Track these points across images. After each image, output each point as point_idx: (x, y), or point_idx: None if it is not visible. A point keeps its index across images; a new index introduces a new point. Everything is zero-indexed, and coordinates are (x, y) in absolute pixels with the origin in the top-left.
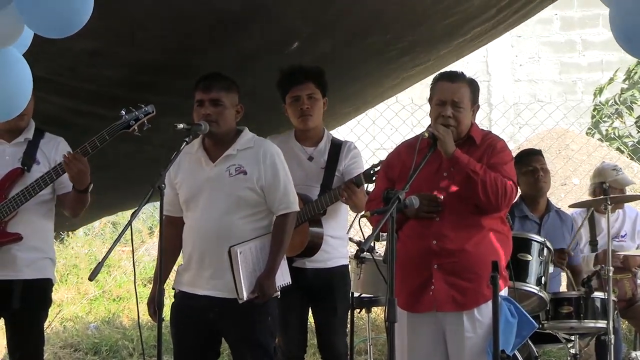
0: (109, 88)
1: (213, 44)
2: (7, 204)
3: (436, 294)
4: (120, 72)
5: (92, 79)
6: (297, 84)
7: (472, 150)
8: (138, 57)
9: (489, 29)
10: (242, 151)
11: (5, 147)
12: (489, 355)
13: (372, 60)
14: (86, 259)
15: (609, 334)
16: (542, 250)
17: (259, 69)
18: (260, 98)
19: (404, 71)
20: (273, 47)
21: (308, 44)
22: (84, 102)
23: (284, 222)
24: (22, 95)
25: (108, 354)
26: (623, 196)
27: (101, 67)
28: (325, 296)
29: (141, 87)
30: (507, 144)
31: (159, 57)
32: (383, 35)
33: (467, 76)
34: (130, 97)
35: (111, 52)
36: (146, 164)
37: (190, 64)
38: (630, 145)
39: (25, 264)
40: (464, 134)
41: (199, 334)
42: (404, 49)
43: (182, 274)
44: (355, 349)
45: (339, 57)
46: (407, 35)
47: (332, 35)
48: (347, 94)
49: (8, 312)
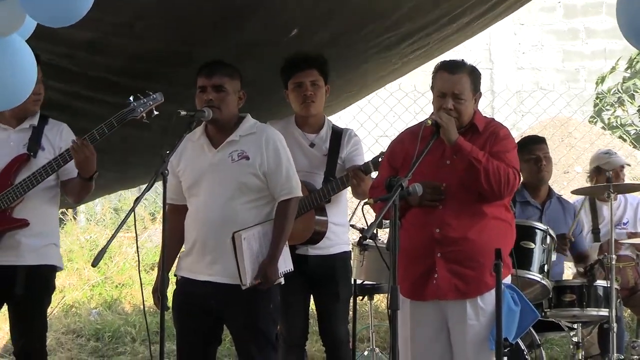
0: (109, 75)
1: (213, 34)
2: (14, 190)
3: (439, 283)
4: (119, 61)
5: (91, 66)
6: (301, 70)
7: (475, 137)
8: (137, 47)
9: (488, 10)
10: (244, 137)
11: (10, 132)
12: (491, 343)
13: (371, 46)
14: (88, 245)
15: (611, 322)
16: (545, 238)
17: (258, 57)
18: (260, 86)
19: (404, 56)
20: (272, 35)
21: (306, 32)
22: (83, 88)
23: (286, 207)
24: (27, 81)
25: (110, 340)
26: (625, 184)
27: (100, 55)
28: (327, 283)
29: (141, 75)
30: (510, 132)
31: (158, 47)
32: (380, 22)
33: (467, 65)
34: (131, 84)
35: (110, 42)
36: (145, 149)
37: (190, 53)
38: (633, 134)
39: (29, 250)
40: (467, 123)
41: (200, 320)
42: (402, 35)
43: (184, 259)
44: (358, 336)
45: (338, 45)
46: (405, 22)
47: (329, 23)
48: (347, 78)
49: (11, 298)
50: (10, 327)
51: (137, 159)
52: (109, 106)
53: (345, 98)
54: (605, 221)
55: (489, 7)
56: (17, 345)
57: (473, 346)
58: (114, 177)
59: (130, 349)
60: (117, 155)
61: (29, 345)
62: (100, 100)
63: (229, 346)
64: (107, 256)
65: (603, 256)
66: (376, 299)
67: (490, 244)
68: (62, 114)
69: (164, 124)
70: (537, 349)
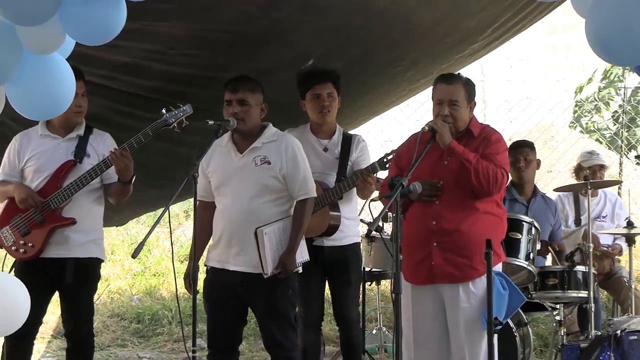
0: (144, 93)
1: (234, 61)
2: (62, 193)
3: (435, 269)
4: (153, 82)
5: (128, 85)
6: (318, 83)
7: (470, 141)
8: (169, 70)
9: (485, 45)
10: (266, 144)
11: (59, 141)
12: (482, 323)
13: (380, 74)
14: (129, 239)
15: (590, 302)
16: (530, 230)
17: (277, 82)
18: (277, 108)
19: (410, 84)
20: (289, 64)
21: (322, 62)
22: (121, 104)
23: (303, 206)
24: (66, 94)
25: (150, 322)
26: (600, 181)
27: (136, 77)
28: (340, 270)
29: (172, 94)
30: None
31: (187, 71)
32: (389, 53)
33: (462, 77)
34: (163, 101)
35: (145, 66)
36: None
37: (215, 76)
38: (608, 137)
39: (77, 245)
40: (463, 128)
41: (228, 305)
42: (408, 65)
43: (212, 251)
44: (367, 317)
45: (351, 73)
46: (411, 53)
47: (343, 54)
48: (359, 105)
49: (62, 286)
50: (62, 312)
51: (174, 173)
52: (145, 120)
53: (358, 120)
54: (586, 213)
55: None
56: (67, 328)
57: (465, 326)
58: (156, 193)
59: (167, 330)
60: (156, 170)
61: (78, 327)
62: (138, 115)
63: (254, 326)
64: (145, 249)
65: (582, 244)
66: (382, 284)
67: (481, 235)
68: (106, 127)
69: (195, 140)
70: (525, 327)
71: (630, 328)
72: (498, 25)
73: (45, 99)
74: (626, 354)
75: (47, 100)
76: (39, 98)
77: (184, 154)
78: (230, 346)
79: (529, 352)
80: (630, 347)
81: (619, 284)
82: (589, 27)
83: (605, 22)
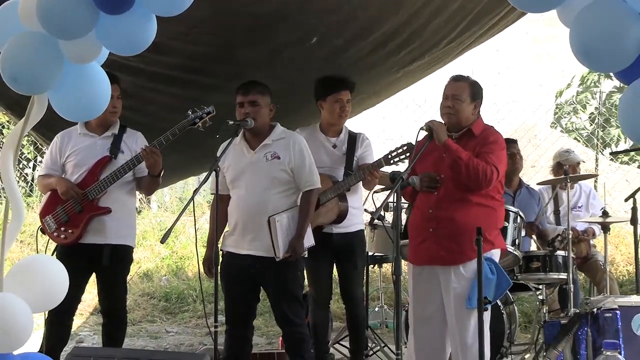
0: (167, 70)
1: (249, 39)
2: (99, 185)
3: (430, 252)
4: (176, 59)
5: (153, 63)
6: (341, 90)
7: (470, 140)
8: (191, 49)
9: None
10: (276, 141)
11: (96, 139)
12: (468, 303)
13: (377, 52)
14: (158, 226)
15: (569, 283)
16: (516, 219)
17: (286, 59)
18: (286, 82)
19: (404, 65)
20: (296, 42)
21: (324, 39)
22: (147, 80)
23: (309, 196)
24: (102, 99)
25: (176, 300)
26: (578, 175)
27: (161, 55)
28: (347, 255)
29: (194, 70)
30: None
31: (207, 50)
32: (383, 31)
33: (470, 78)
34: (184, 77)
35: (169, 45)
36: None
37: (232, 54)
38: (585, 136)
39: (112, 232)
40: (465, 124)
41: (243, 285)
42: (401, 44)
43: (228, 238)
44: (370, 296)
45: (350, 50)
46: (403, 31)
47: (342, 32)
48: (359, 82)
49: (99, 268)
50: (98, 292)
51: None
52: (167, 94)
53: (359, 101)
54: (564, 205)
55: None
56: (103, 306)
57: (456, 305)
58: (185, 168)
59: (192, 307)
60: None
61: (113, 305)
62: (161, 90)
63: (269, 304)
64: (173, 235)
65: (563, 231)
66: (384, 267)
67: (472, 224)
68: (133, 101)
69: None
70: (511, 305)
71: (605, 306)
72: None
73: (83, 103)
74: (602, 329)
75: (85, 104)
76: (78, 102)
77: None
78: (245, 321)
79: (515, 328)
80: (605, 323)
81: (595, 267)
82: (573, 37)
83: (588, 32)
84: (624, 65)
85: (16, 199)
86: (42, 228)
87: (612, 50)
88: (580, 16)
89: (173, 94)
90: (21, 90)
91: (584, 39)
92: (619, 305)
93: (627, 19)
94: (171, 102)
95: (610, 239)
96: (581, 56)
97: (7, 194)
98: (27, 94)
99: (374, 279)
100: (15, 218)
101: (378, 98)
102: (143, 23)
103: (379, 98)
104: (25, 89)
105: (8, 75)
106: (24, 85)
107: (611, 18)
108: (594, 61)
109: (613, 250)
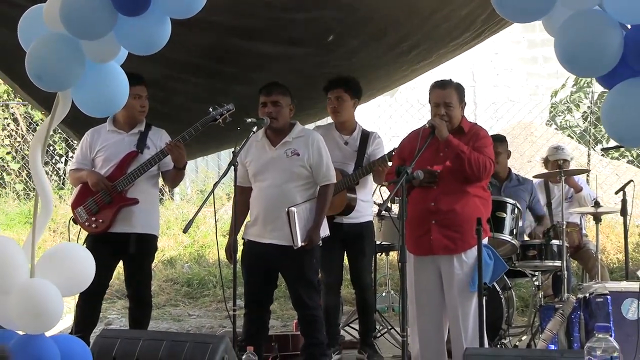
0: (189, 57)
1: (267, 32)
2: (127, 177)
3: (433, 242)
4: (201, 42)
5: (180, 52)
6: (331, 89)
7: (461, 137)
8: (210, 38)
9: (475, 36)
10: (296, 139)
11: (124, 136)
12: (472, 286)
13: (389, 53)
14: (181, 217)
15: (563, 270)
16: (513, 210)
17: (303, 55)
18: (303, 75)
19: (413, 64)
20: (313, 38)
21: (340, 39)
22: (172, 70)
23: (326, 190)
24: (121, 97)
25: (198, 285)
26: (572, 170)
27: (185, 44)
28: (356, 243)
29: (215, 59)
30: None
31: (228, 40)
32: (396, 34)
33: (454, 82)
34: (207, 65)
35: (194, 34)
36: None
37: (251, 45)
38: (578, 133)
39: (138, 222)
40: (456, 126)
41: (263, 271)
42: (412, 45)
43: (250, 227)
44: (378, 282)
45: (364, 50)
46: (415, 34)
47: (358, 33)
48: (372, 78)
49: (126, 256)
50: (125, 277)
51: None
52: (189, 83)
53: (368, 95)
54: (556, 197)
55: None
56: (130, 290)
57: (459, 289)
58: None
59: (212, 292)
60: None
61: (139, 290)
62: (185, 80)
63: (284, 290)
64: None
65: (557, 222)
66: (391, 255)
67: (471, 214)
68: (161, 92)
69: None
70: (509, 290)
71: (597, 292)
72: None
73: (103, 99)
74: (593, 313)
75: (105, 100)
76: (99, 99)
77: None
78: (263, 305)
79: (512, 311)
80: (596, 307)
81: (587, 255)
82: (557, 45)
83: (571, 40)
84: (605, 71)
85: (45, 192)
86: (74, 218)
87: (593, 58)
88: (563, 26)
89: (194, 85)
90: (46, 87)
91: (567, 47)
92: (609, 291)
93: (607, 28)
94: (196, 91)
95: (602, 229)
96: (565, 63)
97: (36, 187)
98: (51, 90)
99: (382, 266)
100: (44, 209)
101: (386, 89)
102: (158, 24)
103: (387, 89)
104: (50, 86)
105: (34, 73)
106: (48, 83)
107: (592, 28)
108: (577, 67)
109: (604, 240)
